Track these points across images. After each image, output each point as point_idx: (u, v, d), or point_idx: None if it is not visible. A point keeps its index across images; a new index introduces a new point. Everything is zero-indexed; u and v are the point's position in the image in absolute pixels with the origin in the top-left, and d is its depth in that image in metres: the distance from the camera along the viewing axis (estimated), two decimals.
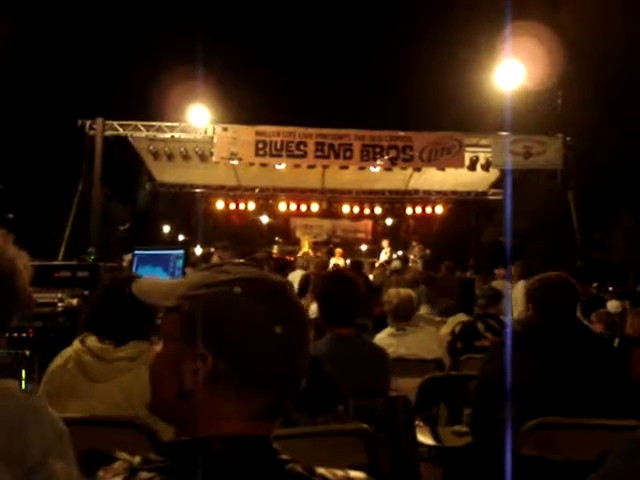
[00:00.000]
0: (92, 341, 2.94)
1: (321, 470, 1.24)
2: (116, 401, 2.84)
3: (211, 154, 14.93)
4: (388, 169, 15.52)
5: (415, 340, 5.36)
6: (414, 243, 18.47)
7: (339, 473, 1.26)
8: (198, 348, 1.22)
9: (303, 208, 20.29)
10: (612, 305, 9.51)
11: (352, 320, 3.81)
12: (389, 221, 26.58)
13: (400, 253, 20.68)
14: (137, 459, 1.22)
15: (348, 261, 15.88)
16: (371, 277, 13.55)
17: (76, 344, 2.98)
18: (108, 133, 14.98)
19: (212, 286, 1.27)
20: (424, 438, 4.06)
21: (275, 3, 41.10)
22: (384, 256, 18.18)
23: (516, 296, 10.09)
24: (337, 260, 16.31)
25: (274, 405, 1.24)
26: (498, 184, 18.06)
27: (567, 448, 2.74)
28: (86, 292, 3.50)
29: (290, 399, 1.27)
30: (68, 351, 2.99)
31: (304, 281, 9.88)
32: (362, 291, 3.97)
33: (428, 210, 20.08)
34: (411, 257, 17.65)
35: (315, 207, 20.21)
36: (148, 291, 1.34)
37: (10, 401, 1.46)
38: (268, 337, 1.22)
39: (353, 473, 1.28)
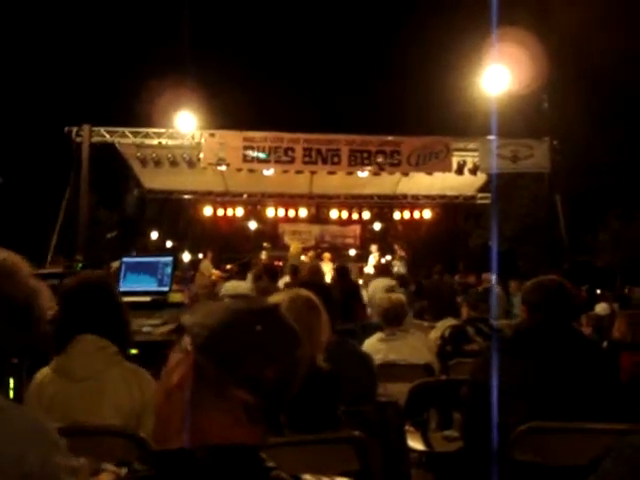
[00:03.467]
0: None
1: (307, 477, 1.24)
2: (101, 402, 2.82)
3: (199, 160, 14.89)
4: (376, 174, 15.53)
5: (405, 345, 5.34)
6: (396, 246, 18.49)
7: (325, 479, 1.25)
8: (186, 347, 1.27)
9: (291, 214, 20.26)
10: (601, 308, 9.54)
11: (331, 326, 3.78)
12: (377, 226, 26.61)
13: (389, 258, 20.72)
14: (124, 470, 1.21)
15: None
16: (361, 281, 13.59)
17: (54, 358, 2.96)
18: (95, 140, 14.91)
19: (207, 304, 1.38)
20: (415, 443, 4.05)
21: (262, 9, 41.15)
22: (372, 261, 18.16)
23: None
24: (325, 265, 16.28)
25: (256, 408, 1.23)
26: (486, 188, 18.11)
27: (559, 452, 2.74)
28: None
29: (274, 405, 1.26)
30: (43, 369, 2.97)
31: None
32: (335, 296, 3.95)
33: (416, 215, 20.08)
34: (396, 263, 17.66)
35: (303, 212, 20.20)
36: None
37: (2, 415, 1.46)
38: (248, 333, 1.25)
39: (339, 479, 1.28)
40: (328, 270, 14.50)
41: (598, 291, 16.35)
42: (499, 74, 18.40)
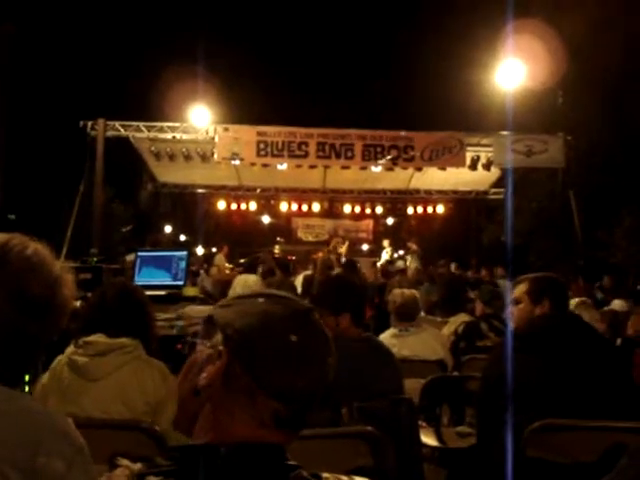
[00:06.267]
0: (83, 340, 2.97)
1: (327, 475, 1.25)
2: (112, 399, 2.86)
3: (212, 154, 14.92)
4: (389, 169, 15.52)
5: (418, 341, 5.34)
6: (409, 244, 18.47)
7: (344, 478, 1.27)
8: (217, 346, 1.27)
9: (304, 208, 20.31)
10: (617, 304, 9.44)
11: (360, 322, 3.79)
12: (390, 221, 26.64)
13: (401, 252, 20.72)
14: (138, 465, 1.22)
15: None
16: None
17: (67, 349, 3.00)
18: (110, 134, 14.97)
19: (240, 298, 1.37)
20: (428, 439, 4.05)
21: (276, 4, 41.11)
22: (385, 256, 18.18)
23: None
24: None
25: (284, 415, 1.24)
26: (499, 183, 18.06)
27: (571, 450, 2.74)
28: (89, 294, 3.49)
29: (302, 413, 1.28)
30: (59, 359, 3.01)
31: (307, 282, 9.82)
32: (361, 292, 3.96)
33: (429, 210, 20.08)
34: (408, 257, 17.67)
35: (316, 207, 20.22)
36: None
37: (29, 418, 1.47)
38: (283, 344, 1.24)
39: (358, 478, 1.29)
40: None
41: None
42: (513, 69, 18.35)
